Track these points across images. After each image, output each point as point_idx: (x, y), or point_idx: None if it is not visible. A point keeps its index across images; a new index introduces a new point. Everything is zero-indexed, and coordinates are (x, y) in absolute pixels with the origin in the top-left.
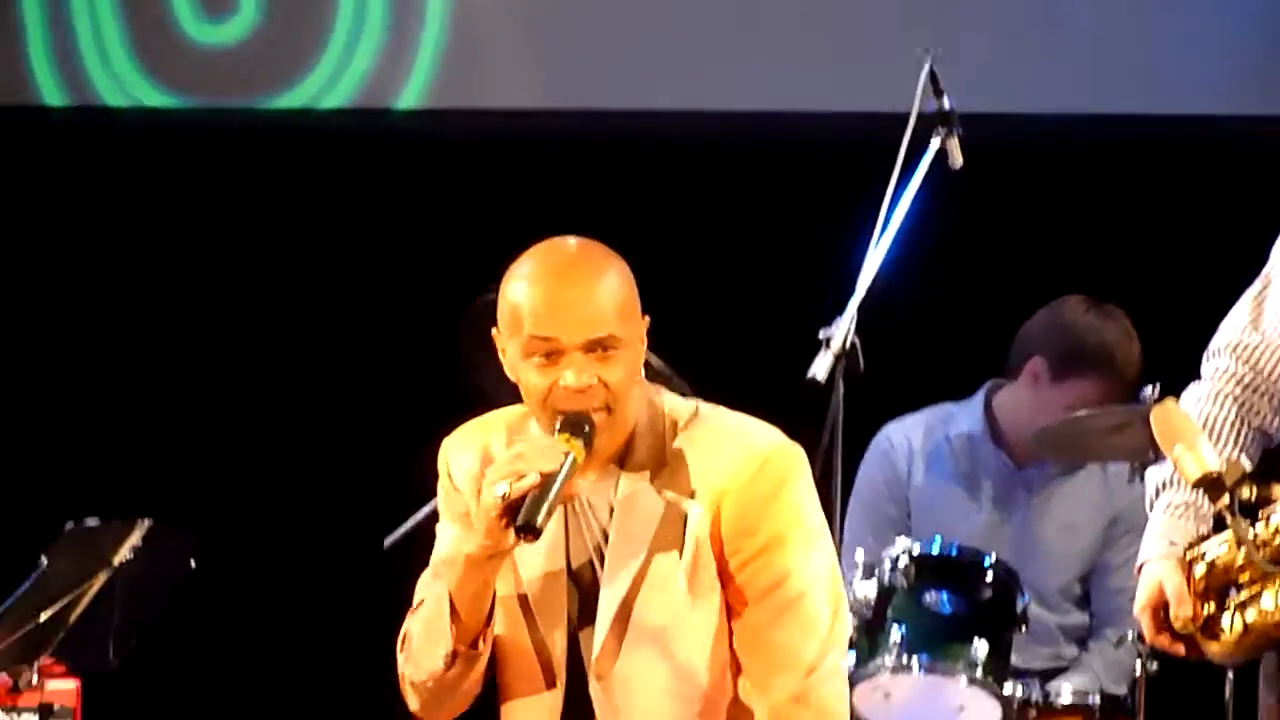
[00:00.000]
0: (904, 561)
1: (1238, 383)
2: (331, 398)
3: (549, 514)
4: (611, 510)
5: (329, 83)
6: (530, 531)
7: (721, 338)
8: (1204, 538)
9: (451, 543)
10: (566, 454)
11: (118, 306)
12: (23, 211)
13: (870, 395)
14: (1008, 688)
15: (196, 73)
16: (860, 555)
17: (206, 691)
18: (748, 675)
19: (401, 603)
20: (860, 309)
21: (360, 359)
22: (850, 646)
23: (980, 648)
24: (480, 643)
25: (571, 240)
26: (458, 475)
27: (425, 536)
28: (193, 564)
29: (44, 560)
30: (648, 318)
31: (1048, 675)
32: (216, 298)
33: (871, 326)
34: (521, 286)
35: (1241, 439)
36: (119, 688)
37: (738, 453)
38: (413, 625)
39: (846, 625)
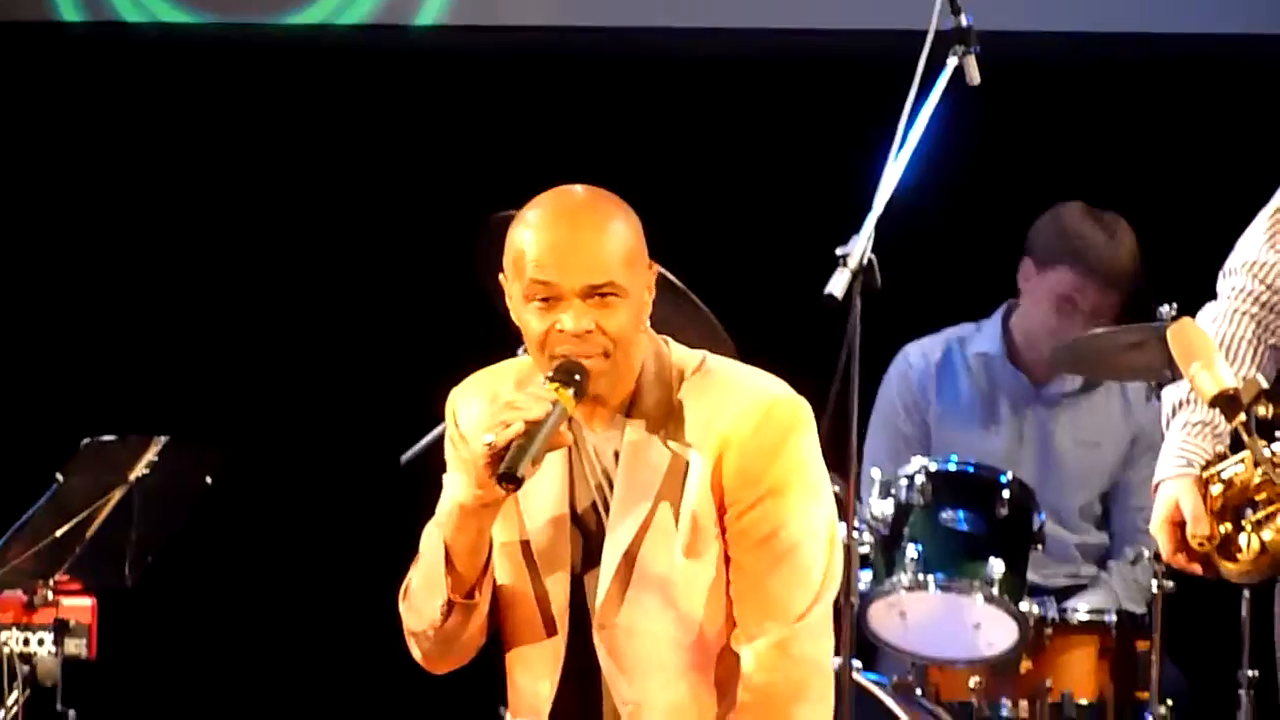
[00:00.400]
0: (921, 480)
1: (1255, 301)
2: (349, 313)
3: (533, 463)
4: (617, 459)
5: (342, 2)
6: (511, 481)
7: (739, 255)
8: (1221, 457)
9: (451, 492)
10: (555, 403)
11: (133, 222)
12: (41, 127)
13: (888, 314)
14: (1024, 606)
15: None
16: (877, 473)
17: (223, 610)
18: (737, 620)
19: (417, 519)
20: (878, 227)
21: (379, 274)
22: (866, 565)
23: (996, 566)
24: (476, 593)
25: (579, 188)
26: (464, 424)
27: (442, 453)
28: (210, 480)
29: (60, 476)
30: (656, 267)
31: (1064, 593)
32: (232, 214)
33: (889, 244)
34: (526, 232)
35: (1259, 357)
36: (135, 605)
37: (742, 404)
38: (413, 575)
39: (838, 579)
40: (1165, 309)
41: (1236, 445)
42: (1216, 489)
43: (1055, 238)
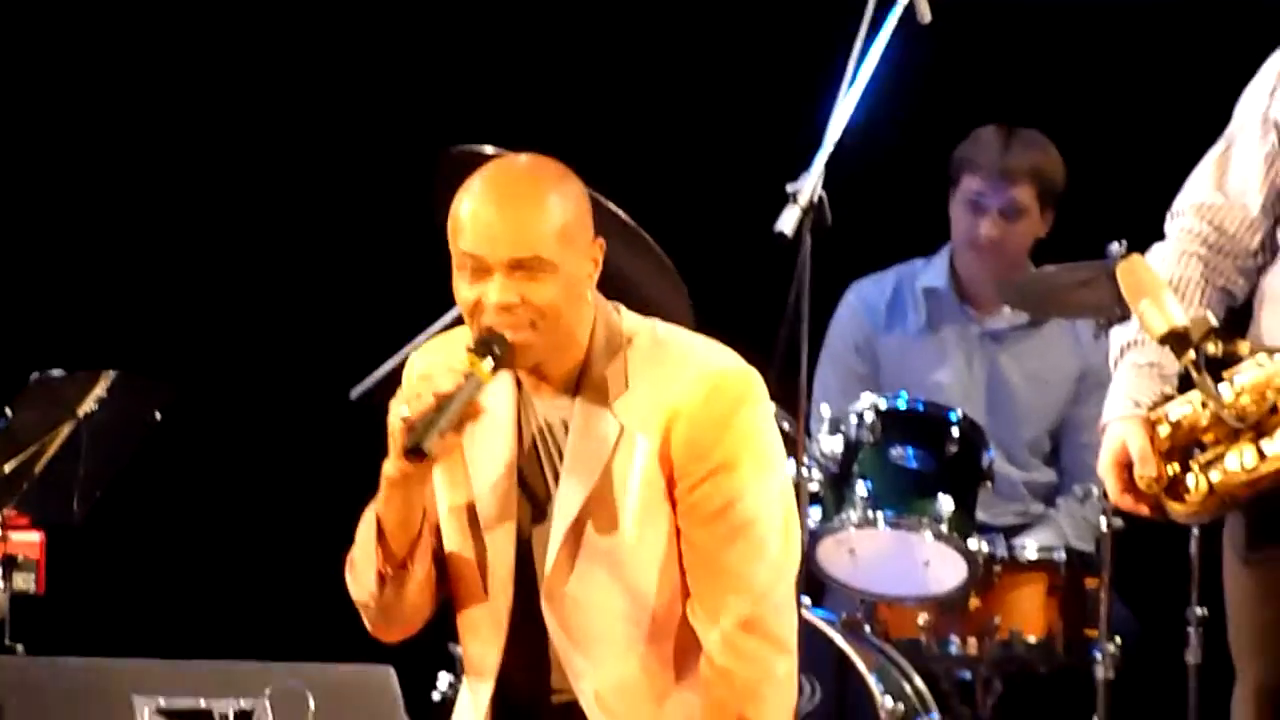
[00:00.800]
0: (870, 417)
1: (1202, 242)
2: (303, 245)
3: (442, 437)
4: (567, 429)
5: None
6: (417, 455)
7: (689, 193)
8: (1169, 398)
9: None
10: (468, 376)
11: (85, 152)
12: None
13: (838, 250)
14: (972, 543)
15: None
16: (827, 410)
17: (171, 545)
18: (697, 600)
19: (369, 457)
20: (828, 164)
21: (335, 204)
22: (815, 501)
23: (945, 503)
24: (409, 564)
25: (523, 159)
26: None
27: (392, 388)
28: (159, 416)
29: (8, 411)
30: (601, 240)
31: (1013, 531)
32: (187, 143)
33: (840, 181)
34: (464, 202)
35: (1206, 298)
36: (83, 541)
37: (692, 375)
38: (355, 548)
39: (797, 553)
40: (1115, 247)
41: (1185, 386)
42: (1164, 430)
43: (961, 151)
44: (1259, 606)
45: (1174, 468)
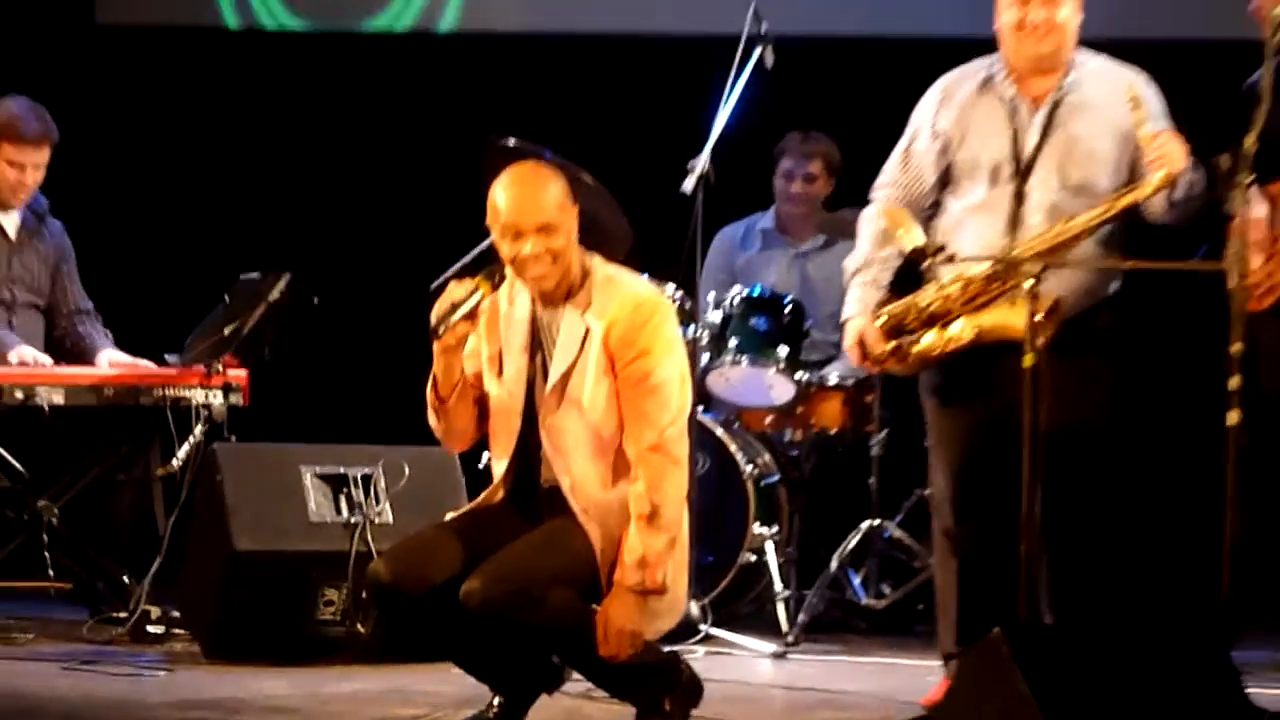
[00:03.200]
0: (737, 300)
1: (897, 204)
2: (399, 201)
3: (451, 328)
4: (557, 330)
5: (399, 14)
6: (435, 336)
7: (632, 168)
8: (883, 302)
9: None
10: (474, 290)
11: (261, 155)
12: (198, 95)
13: (716, 203)
14: (798, 374)
15: (317, 5)
16: (711, 296)
17: (322, 381)
18: (627, 432)
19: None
20: (713, 150)
21: (420, 182)
22: (706, 350)
23: (782, 350)
24: (449, 400)
25: (528, 165)
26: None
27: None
28: (316, 300)
29: (226, 297)
30: (577, 206)
31: (821, 365)
32: (324, 149)
33: (718, 161)
34: (499, 193)
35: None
36: (269, 374)
37: (623, 297)
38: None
39: (688, 405)
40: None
41: (896, 290)
42: (882, 319)
43: (780, 145)
44: (942, 425)
45: (891, 344)
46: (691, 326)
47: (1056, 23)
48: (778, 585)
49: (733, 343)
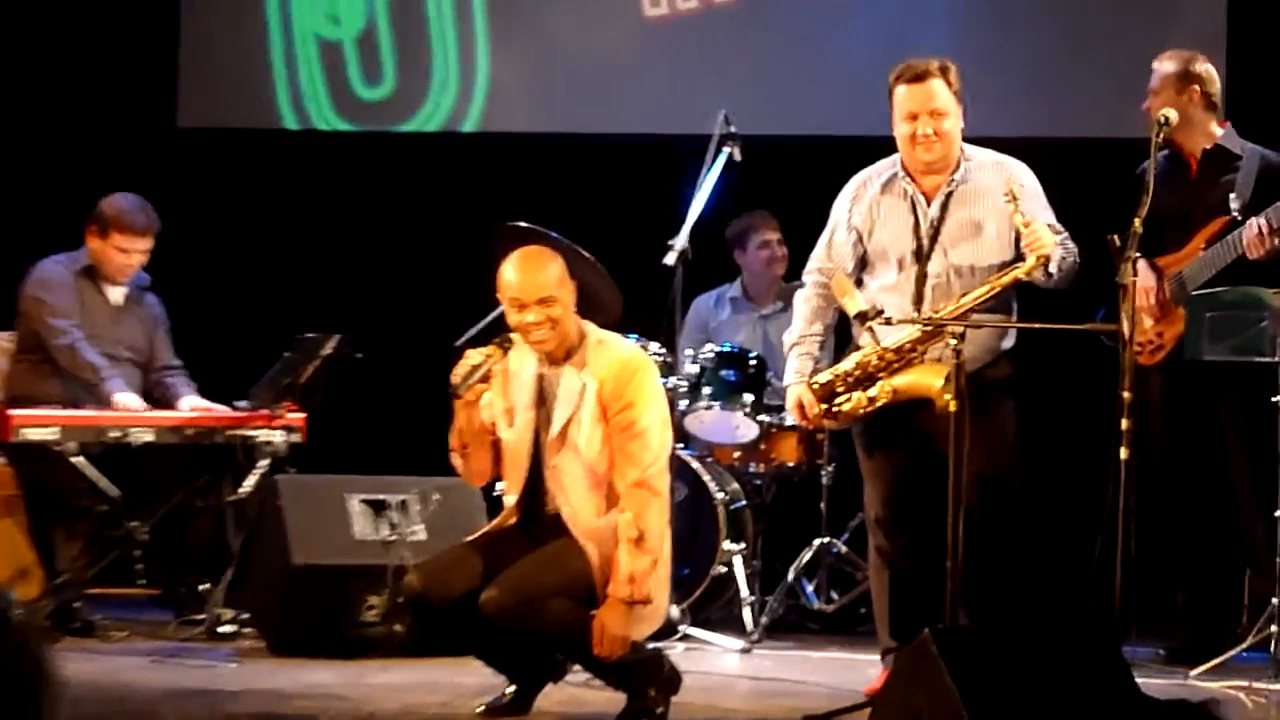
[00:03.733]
0: (710, 355)
1: (823, 285)
2: (428, 273)
3: (469, 388)
4: (558, 385)
5: (430, 117)
6: (455, 395)
7: (623, 246)
8: (815, 371)
9: None
10: (488, 356)
11: (317, 231)
12: (263, 194)
13: (694, 276)
14: (761, 417)
15: (362, 111)
16: (689, 353)
17: (368, 424)
18: (616, 470)
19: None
20: (690, 230)
21: (442, 263)
22: (685, 397)
23: (748, 397)
24: (467, 448)
25: (532, 247)
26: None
27: (481, 340)
28: (360, 355)
29: (287, 353)
30: (576, 281)
31: (780, 409)
32: (371, 237)
33: (695, 240)
34: (508, 271)
35: (828, 313)
36: (321, 416)
37: (614, 357)
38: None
39: (668, 448)
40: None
41: (837, 359)
42: (816, 387)
43: (745, 223)
44: (870, 466)
45: (824, 406)
46: (672, 377)
47: (942, 133)
48: (744, 592)
49: (706, 391)
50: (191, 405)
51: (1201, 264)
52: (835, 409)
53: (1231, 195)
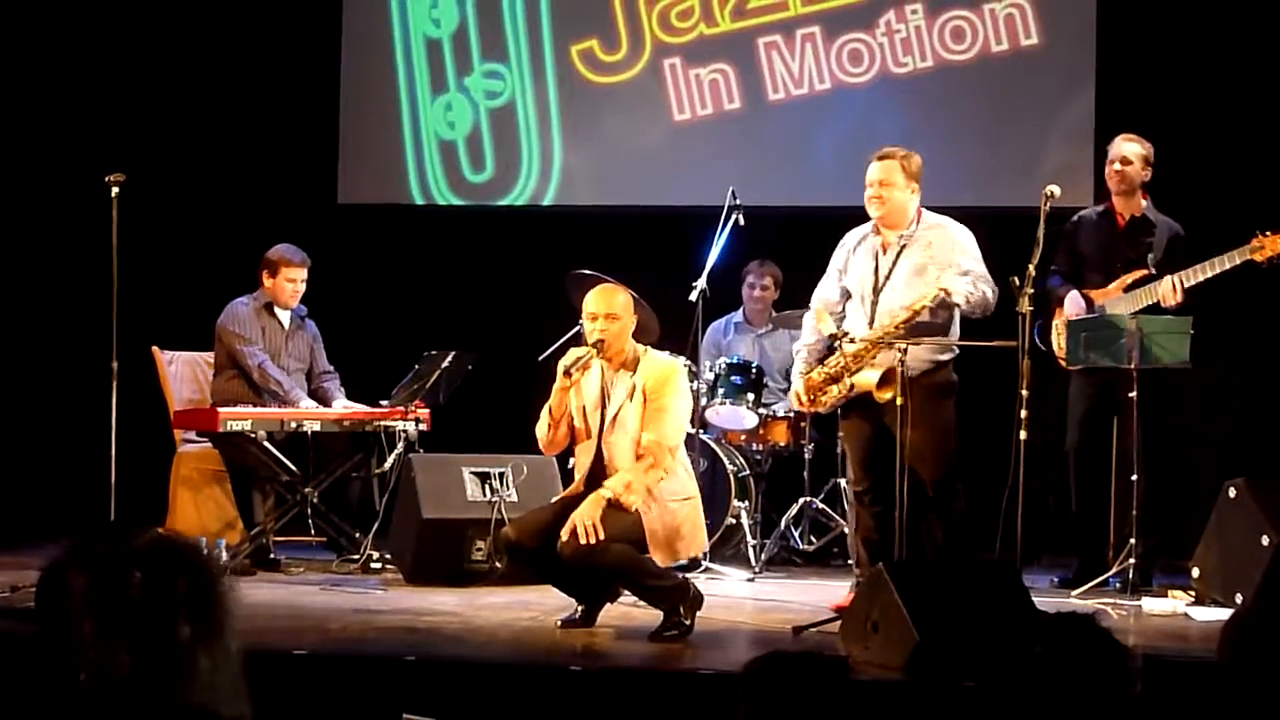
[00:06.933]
0: (723, 366)
1: (823, 308)
2: (518, 308)
3: (573, 375)
4: (615, 385)
5: (519, 195)
6: (567, 375)
7: (660, 290)
8: (810, 370)
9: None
10: (587, 351)
11: (438, 278)
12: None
13: (711, 309)
14: (760, 410)
15: (470, 190)
16: (707, 364)
17: (470, 416)
18: (644, 429)
19: (544, 385)
20: (707, 275)
21: (523, 303)
22: (704, 395)
23: (750, 396)
24: (559, 424)
25: (608, 283)
26: (568, 360)
27: (555, 358)
28: (470, 367)
29: (416, 366)
30: (638, 311)
31: (773, 404)
32: (467, 298)
33: (712, 283)
34: (589, 295)
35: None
36: (443, 413)
37: (657, 364)
38: (541, 418)
39: (684, 431)
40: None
41: (825, 358)
42: (812, 381)
43: (747, 269)
44: (847, 434)
45: (815, 395)
46: (695, 382)
47: (886, 197)
48: (749, 537)
49: (720, 391)
50: (344, 404)
51: (1125, 302)
52: (819, 399)
53: (1150, 255)
